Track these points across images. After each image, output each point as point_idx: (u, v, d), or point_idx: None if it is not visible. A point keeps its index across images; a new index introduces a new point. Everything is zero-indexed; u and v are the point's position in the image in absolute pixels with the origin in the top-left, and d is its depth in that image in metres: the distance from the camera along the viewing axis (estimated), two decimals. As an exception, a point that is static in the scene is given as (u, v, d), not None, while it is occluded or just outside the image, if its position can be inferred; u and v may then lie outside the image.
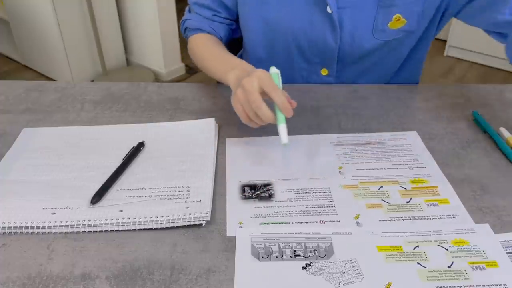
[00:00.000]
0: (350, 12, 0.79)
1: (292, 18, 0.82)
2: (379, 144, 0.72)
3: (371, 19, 0.80)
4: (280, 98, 0.62)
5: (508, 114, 0.80)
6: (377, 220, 0.58)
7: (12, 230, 0.56)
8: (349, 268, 0.51)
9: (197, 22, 0.89)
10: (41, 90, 0.87)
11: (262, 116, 0.62)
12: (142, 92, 0.87)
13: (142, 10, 2.43)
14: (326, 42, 0.83)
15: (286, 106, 0.62)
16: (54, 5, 2.20)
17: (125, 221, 0.56)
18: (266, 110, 0.62)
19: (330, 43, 0.83)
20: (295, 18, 0.82)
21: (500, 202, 0.61)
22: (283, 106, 0.62)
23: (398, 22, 0.79)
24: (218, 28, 0.89)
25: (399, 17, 0.78)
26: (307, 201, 0.61)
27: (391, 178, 0.65)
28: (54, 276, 0.50)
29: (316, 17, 0.81)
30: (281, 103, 0.62)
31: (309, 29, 0.82)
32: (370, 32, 0.81)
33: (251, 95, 0.62)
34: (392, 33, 0.81)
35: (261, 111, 0.62)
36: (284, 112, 0.63)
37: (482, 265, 0.51)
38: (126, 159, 0.67)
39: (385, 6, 0.78)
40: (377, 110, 0.81)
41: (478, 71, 2.72)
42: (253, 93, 0.62)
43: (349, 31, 0.81)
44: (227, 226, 0.57)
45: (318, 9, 0.80)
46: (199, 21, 0.88)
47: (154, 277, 0.50)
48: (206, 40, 0.87)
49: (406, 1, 0.77)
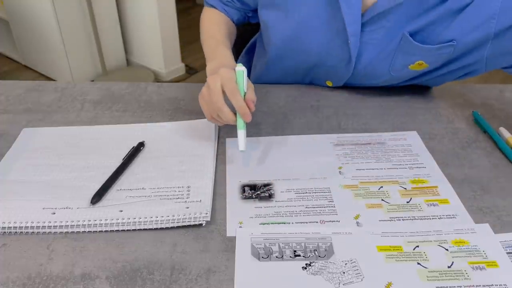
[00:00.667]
0: (371, 48, 0.75)
1: (309, 41, 0.78)
2: (379, 144, 0.72)
3: (391, 59, 0.75)
4: (238, 103, 0.61)
5: (508, 114, 0.80)
6: (377, 220, 0.58)
7: (12, 230, 0.56)
8: (349, 268, 0.51)
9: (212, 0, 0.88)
10: (41, 90, 0.87)
11: (223, 117, 0.62)
12: (142, 92, 0.87)
13: (142, 10, 2.43)
14: (338, 69, 0.80)
15: (244, 111, 0.61)
16: (54, 5, 2.20)
17: (125, 221, 0.56)
18: (227, 112, 0.61)
19: (342, 69, 0.80)
20: (313, 41, 0.77)
21: (500, 202, 0.61)
22: (241, 112, 0.61)
23: (421, 66, 0.74)
24: (231, 12, 0.88)
25: (422, 63, 0.74)
26: (307, 201, 0.61)
27: (391, 178, 0.65)
28: (54, 276, 0.50)
29: (335, 46, 0.77)
30: (238, 108, 0.61)
31: (325, 54, 0.79)
32: (387, 69, 0.77)
33: (213, 95, 0.61)
34: (411, 73, 0.77)
35: (222, 113, 0.61)
36: (242, 117, 0.62)
37: (482, 265, 0.51)
38: (126, 159, 0.67)
39: (407, 53, 0.73)
40: (377, 110, 0.81)
41: (478, 71, 2.72)
42: (215, 93, 0.61)
43: (366, 62, 0.77)
44: (227, 226, 0.57)
45: (338, 39, 0.75)
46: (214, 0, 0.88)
47: (154, 277, 0.50)
48: (214, 19, 0.86)
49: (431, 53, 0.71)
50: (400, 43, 0.72)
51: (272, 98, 0.75)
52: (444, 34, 0.69)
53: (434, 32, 0.70)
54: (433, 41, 0.71)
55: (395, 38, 0.73)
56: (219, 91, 0.62)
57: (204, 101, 0.64)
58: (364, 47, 0.76)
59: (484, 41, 0.69)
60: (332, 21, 0.74)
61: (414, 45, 0.71)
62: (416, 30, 0.71)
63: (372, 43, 0.75)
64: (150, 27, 2.44)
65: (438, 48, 0.70)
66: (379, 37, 0.74)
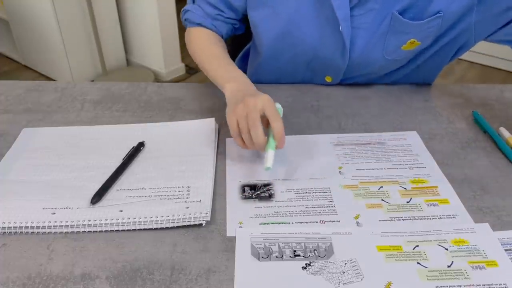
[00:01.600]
0: (363, 33, 0.77)
1: (302, 32, 0.79)
2: (379, 144, 0.72)
3: (384, 42, 0.77)
4: (279, 127, 0.62)
5: (508, 114, 0.80)
6: (377, 220, 0.58)
7: (12, 230, 0.56)
8: (349, 268, 0.51)
9: (198, 17, 0.86)
10: (41, 90, 0.87)
11: (254, 136, 0.62)
12: (142, 92, 0.87)
13: (142, 10, 2.43)
14: (334, 59, 0.81)
15: (282, 136, 0.62)
16: (54, 5, 2.20)
17: (125, 221, 0.56)
18: (261, 132, 0.62)
19: (338, 60, 0.81)
20: (305, 32, 0.79)
21: (500, 202, 0.61)
22: (280, 135, 0.62)
23: (413, 44, 0.77)
24: (220, 26, 0.87)
25: (414, 41, 0.76)
26: (307, 201, 0.61)
27: (391, 178, 0.65)
28: (54, 276, 0.50)
29: (327, 35, 0.78)
30: (278, 132, 0.62)
31: (319, 45, 0.80)
32: (381, 53, 0.79)
33: (251, 113, 0.62)
34: (404, 53, 0.79)
35: (256, 131, 0.61)
36: (278, 142, 0.62)
37: (482, 265, 0.52)
38: (126, 159, 0.67)
39: (399, 32, 0.75)
40: (377, 110, 0.81)
41: (478, 71, 2.72)
42: (254, 112, 0.62)
43: (359, 50, 0.79)
44: (227, 226, 0.57)
45: (330, 27, 0.77)
46: (201, 17, 0.86)
47: (154, 277, 0.50)
48: (207, 37, 0.85)
49: (421, 28, 0.74)
50: (390, 24, 0.75)
51: (272, 98, 0.75)
52: (430, 7, 0.72)
53: (421, 7, 0.73)
54: (421, 17, 0.73)
55: (385, 20, 0.75)
56: (258, 111, 0.62)
57: (235, 117, 0.64)
58: (356, 32, 0.77)
59: (469, 8, 0.72)
60: (321, 10, 0.76)
61: (404, 22, 0.73)
62: (404, 8, 0.73)
63: (363, 28, 0.77)
64: (150, 27, 2.44)
65: (427, 22, 0.73)
66: (369, 20, 0.76)
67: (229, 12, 0.86)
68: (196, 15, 0.86)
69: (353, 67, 0.82)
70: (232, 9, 0.85)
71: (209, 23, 0.86)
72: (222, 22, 0.87)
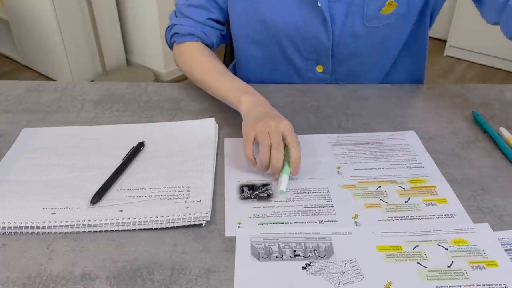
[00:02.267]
0: (341, 4, 0.80)
1: (284, 15, 0.82)
2: (377, 144, 0.72)
3: (362, 8, 0.80)
4: (298, 153, 0.62)
5: (508, 114, 0.80)
6: (376, 219, 0.58)
7: (12, 230, 0.56)
8: (349, 268, 0.51)
9: (188, 27, 0.85)
10: (41, 90, 0.87)
11: (275, 158, 0.61)
12: (142, 92, 0.87)
13: (142, 10, 2.43)
14: (319, 37, 0.83)
15: (298, 163, 0.63)
16: (54, 5, 2.20)
17: (125, 221, 0.57)
18: (282, 156, 0.62)
19: (323, 38, 0.83)
20: (286, 15, 0.82)
21: (500, 202, 0.61)
22: (296, 162, 0.63)
23: (390, 6, 0.79)
24: (210, 34, 0.87)
25: (391, 1, 0.79)
26: (305, 201, 0.61)
27: (389, 178, 0.65)
28: (54, 276, 0.50)
29: (308, 13, 0.81)
30: (296, 159, 0.62)
31: (302, 25, 0.82)
32: (362, 21, 0.81)
33: (275, 136, 0.63)
34: (384, 19, 0.81)
35: (278, 153, 0.62)
36: (293, 168, 0.63)
37: (482, 265, 0.52)
38: (126, 159, 0.67)
39: None
40: (377, 110, 0.81)
41: (478, 71, 2.72)
42: (278, 135, 0.63)
43: (340, 23, 0.81)
44: (226, 226, 0.57)
45: (309, 5, 0.80)
46: (191, 26, 0.85)
47: (154, 277, 0.50)
48: (200, 51, 0.85)
49: None
50: None
51: (272, 98, 0.75)
52: None
53: None
54: None
55: None
56: (280, 134, 0.63)
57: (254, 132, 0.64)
58: (334, 5, 0.80)
59: None
60: None
61: None
62: None
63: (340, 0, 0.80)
64: (150, 27, 2.44)
65: None
66: None
67: (217, 12, 0.87)
68: (184, 26, 0.86)
69: (340, 46, 0.84)
70: (220, 8, 0.87)
71: (200, 31, 0.85)
72: (211, 28, 0.87)
